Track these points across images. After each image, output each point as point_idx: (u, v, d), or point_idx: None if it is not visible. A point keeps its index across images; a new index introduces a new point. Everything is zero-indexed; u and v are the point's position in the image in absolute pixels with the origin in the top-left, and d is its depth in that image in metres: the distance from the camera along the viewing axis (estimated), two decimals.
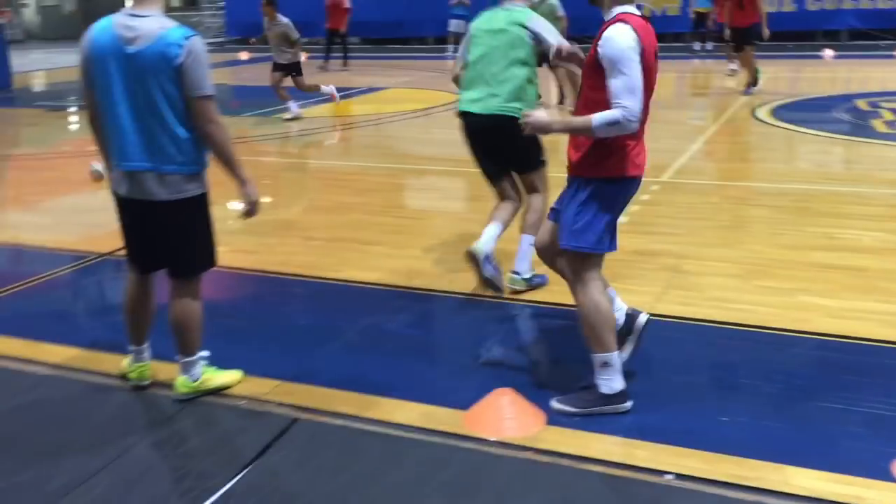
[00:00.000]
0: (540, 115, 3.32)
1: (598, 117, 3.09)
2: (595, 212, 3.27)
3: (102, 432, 3.37)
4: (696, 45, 19.60)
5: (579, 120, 3.21)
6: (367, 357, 4.03)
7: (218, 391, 3.61)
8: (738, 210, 6.35)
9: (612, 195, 3.30)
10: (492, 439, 3.20)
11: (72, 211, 6.88)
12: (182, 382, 3.57)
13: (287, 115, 11.31)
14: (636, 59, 3.08)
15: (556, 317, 4.40)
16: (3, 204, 7.49)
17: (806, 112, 10.71)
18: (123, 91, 3.28)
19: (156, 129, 3.29)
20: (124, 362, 3.76)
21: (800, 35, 19.81)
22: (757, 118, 10.35)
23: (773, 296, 4.52)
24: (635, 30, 3.10)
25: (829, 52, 17.51)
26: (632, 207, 6.29)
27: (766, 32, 11.97)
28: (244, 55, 20.77)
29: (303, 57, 21.30)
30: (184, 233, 3.46)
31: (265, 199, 6.92)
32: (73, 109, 13.08)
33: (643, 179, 3.38)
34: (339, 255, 5.51)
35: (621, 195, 3.34)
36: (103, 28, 3.31)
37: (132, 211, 3.45)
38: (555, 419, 3.32)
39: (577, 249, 3.31)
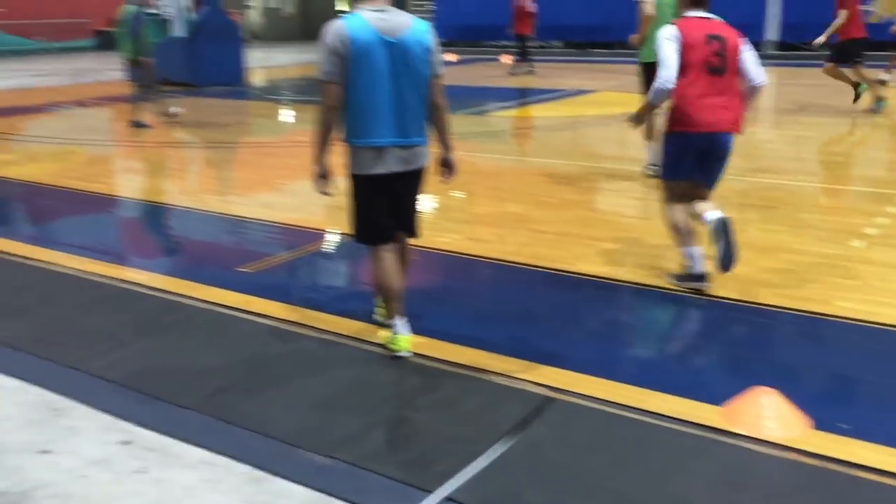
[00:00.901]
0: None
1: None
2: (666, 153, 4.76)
3: (369, 393, 3.64)
4: None
5: (643, 101, 5.06)
6: (610, 345, 4.09)
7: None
8: None
9: (674, 143, 4.66)
10: (753, 437, 3.16)
11: (315, 194, 7.40)
12: (409, 340, 3.95)
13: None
14: (669, 43, 4.53)
15: (807, 325, 4.26)
16: (255, 186, 8.20)
17: None
18: (390, 76, 3.69)
19: (417, 107, 3.78)
20: (382, 333, 4.05)
21: None
22: None
23: None
24: (676, 27, 4.60)
25: None
26: (879, 219, 6.00)
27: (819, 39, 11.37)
28: (452, 57, 21.35)
29: (508, 60, 21.45)
30: (420, 194, 4.04)
31: (493, 193, 7.22)
32: (296, 103, 14.02)
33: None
34: (570, 248, 5.60)
35: (682, 145, 4.61)
36: (359, 24, 3.65)
37: (398, 184, 3.86)
38: (821, 424, 3.22)
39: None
